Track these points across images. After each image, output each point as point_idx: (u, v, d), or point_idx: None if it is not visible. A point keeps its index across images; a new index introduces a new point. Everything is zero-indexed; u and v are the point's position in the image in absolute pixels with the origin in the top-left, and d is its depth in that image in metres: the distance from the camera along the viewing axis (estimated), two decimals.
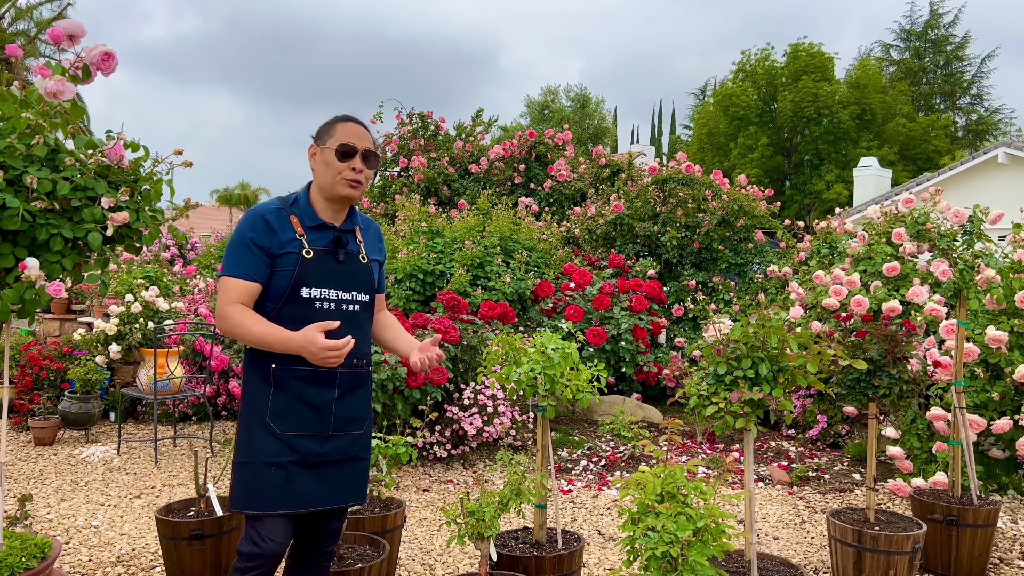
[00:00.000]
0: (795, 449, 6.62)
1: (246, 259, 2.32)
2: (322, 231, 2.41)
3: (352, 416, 2.44)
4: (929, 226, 5.73)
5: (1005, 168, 16.79)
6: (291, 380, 2.33)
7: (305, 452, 2.33)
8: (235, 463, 2.35)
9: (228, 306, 2.31)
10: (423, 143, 12.52)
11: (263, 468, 2.29)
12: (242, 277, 2.32)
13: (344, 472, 2.43)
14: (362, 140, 2.41)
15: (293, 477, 2.31)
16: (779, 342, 2.97)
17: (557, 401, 3.34)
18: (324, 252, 2.39)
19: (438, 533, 4.46)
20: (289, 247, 2.34)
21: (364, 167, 2.41)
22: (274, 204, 2.42)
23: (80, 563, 3.90)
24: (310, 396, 2.34)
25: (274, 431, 2.31)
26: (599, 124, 41.21)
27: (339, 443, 2.40)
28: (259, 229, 2.34)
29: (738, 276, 9.51)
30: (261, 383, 2.34)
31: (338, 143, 2.38)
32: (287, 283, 2.32)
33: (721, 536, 2.43)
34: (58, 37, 2.52)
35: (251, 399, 2.35)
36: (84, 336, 7.22)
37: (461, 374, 6.24)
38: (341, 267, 2.41)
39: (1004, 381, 4.99)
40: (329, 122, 2.46)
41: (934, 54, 32.33)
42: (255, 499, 2.28)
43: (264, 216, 2.36)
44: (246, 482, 2.30)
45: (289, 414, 2.32)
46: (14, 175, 2.37)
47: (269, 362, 2.33)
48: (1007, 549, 4.37)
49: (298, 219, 2.39)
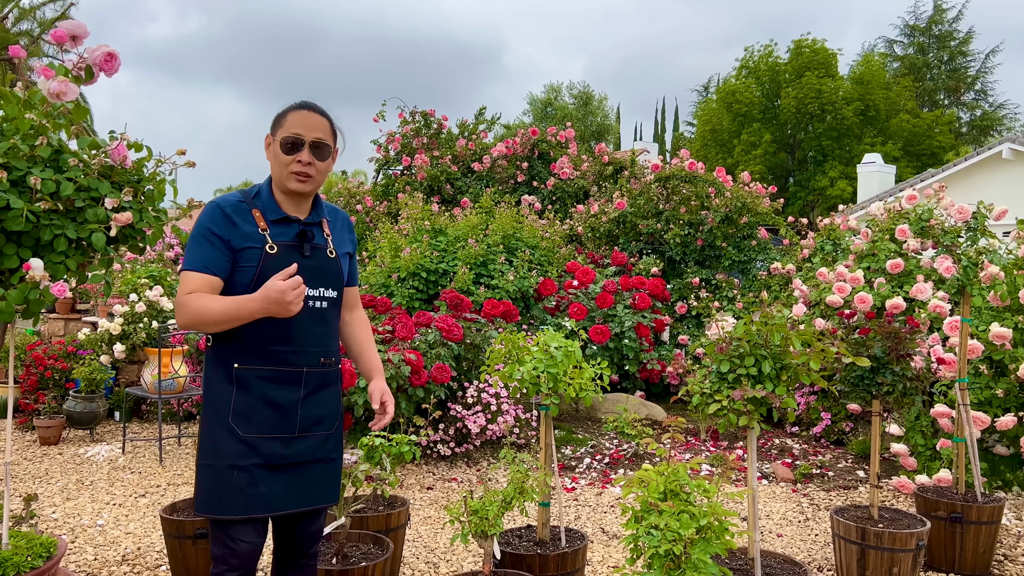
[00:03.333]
0: (799, 446, 6.61)
1: (206, 252, 2.22)
2: (286, 225, 2.30)
3: (320, 416, 2.35)
4: (933, 223, 5.72)
5: (1009, 164, 16.73)
6: (255, 380, 2.24)
7: (269, 455, 2.24)
8: (198, 464, 2.27)
9: (183, 295, 2.20)
10: (426, 141, 12.52)
11: (225, 471, 2.20)
12: (202, 271, 2.21)
13: (312, 474, 2.33)
14: (312, 130, 2.27)
15: (257, 480, 2.22)
16: (782, 340, 2.97)
17: (560, 399, 3.34)
18: (289, 247, 2.28)
19: (442, 531, 4.47)
20: (251, 241, 2.24)
21: (314, 159, 2.27)
22: (235, 197, 2.31)
23: (85, 562, 3.92)
24: (275, 396, 2.25)
25: (236, 433, 2.22)
26: (602, 122, 41.19)
27: (305, 445, 2.31)
28: (218, 221, 2.23)
29: (741, 273, 9.50)
30: (223, 383, 2.25)
31: (284, 134, 2.26)
32: (250, 280, 2.22)
33: (724, 534, 2.43)
34: (61, 38, 2.52)
35: (213, 400, 2.26)
36: (88, 336, 7.24)
37: (464, 372, 6.24)
38: (307, 262, 2.29)
39: (1008, 378, 4.98)
40: (283, 111, 2.32)
41: (938, 50, 32.23)
42: (219, 503, 2.21)
43: (224, 208, 2.26)
44: (209, 485, 2.22)
45: (252, 415, 2.23)
46: (18, 176, 2.38)
47: (231, 361, 2.24)
48: (1012, 546, 4.37)
49: (260, 213, 2.28)
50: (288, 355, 2.28)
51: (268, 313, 2.12)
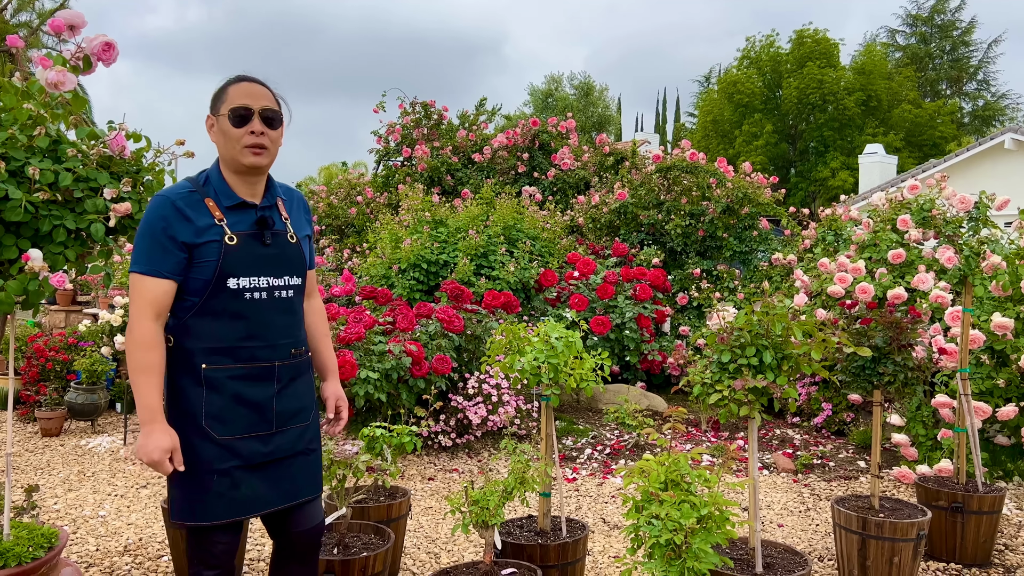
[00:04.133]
0: (800, 437, 6.62)
1: (157, 254, 2.08)
2: (242, 212, 2.18)
3: (296, 409, 2.26)
4: (935, 213, 5.70)
5: (1012, 154, 16.68)
6: (225, 380, 2.13)
7: (249, 455, 2.15)
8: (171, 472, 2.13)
9: (141, 320, 2.07)
10: (426, 132, 12.50)
11: (205, 477, 2.10)
12: (154, 275, 2.08)
13: (293, 468, 2.25)
14: (258, 99, 2.15)
15: (238, 483, 2.13)
16: (783, 330, 2.96)
17: (561, 390, 3.34)
18: (248, 236, 2.15)
19: (443, 521, 4.48)
20: (208, 235, 2.10)
21: (266, 128, 2.15)
22: (184, 187, 2.16)
23: (88, 553, 3.93)
24: (248, 395, 2.15)
25: (212, 437, 2.11)
26: (603, 112, 41.11)
27: (285, 439, 2.22)
28: (171, 218, 2.09)
29: (743, 264, 9.48)
30: (191, 386, 2.13)
31: (230, 107, 2.13)
32: (211, 275, 2.10)
33: (725, 523, 2.43)
34: (59, 27, 2.51)
35: (181, 402, 2.14)
36: (89, 327, 7.25)
37: (465, 363, 6.24)
38: (269, 250, 2.18)
39: (1010, 368, 4.98)
40: (221, 87, 2.19)
41: (940, 39, 32.12)
42: (200, 510, 2.11)
43: (175, 202, 2.11)
44: (187, 493, 2.11)
45: (227, 417, 2.13)
46: (16, 166, 2.37)
47: (198, 361, 2.12)
48: (1012, 536, 4.37)
49: (214, 201, 2.15)
50: (257, 351, 2.18)
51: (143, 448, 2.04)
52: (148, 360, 2.07)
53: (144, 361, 2.06)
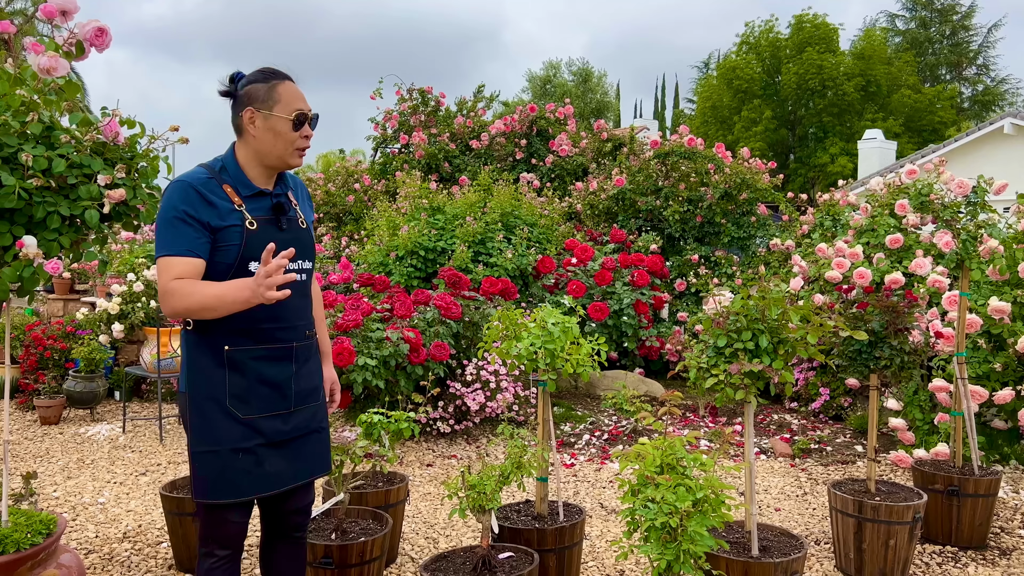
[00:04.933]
0: (797, 422, 6.64)
1: (185, 234, 2.11)
2: (259, 199, 2.25)
3: (310, 388, 2.36)
4: (933, 197, 5.69)
5: (1011, 139, 16.65)
6: (248, 361, 2.20)
7: (271, 433, 2.23)
8: (194, 453, 2.19)
9: (171, 282, 2.08)
10: (423, 119, 12.45)
11: (230, 456, 2.17)
12: (185, 254, 2.10)
13: (308, 446, 2.35)
14: (307, 104, 2.26)
15: (262, 460, 2.22)
16: (779, 314, 2.96)
17: (558, 375, 3.34)
18: (265, 222, 2.23)
19: (441, 507, 4.50)
20: (231, 219, 2.16)
21: (311, 132, 2.28)
22: (201, 173, 2.21)
23: (87, 539, 3.94)
24: (269, 375, 2.23)
25: (236, 416, 2.18)
26: (601, 99, 40.95)
27: (302, 418, 2.32)
28: (194, 201, 2.13)
29: (741, 250, 9.48)
30: (214, 367, 2.19)
31: (291, 110, 2.20)
32: (233, 259, 2.16)
33: (721, 507, 2.44)
34: (50, 13, 2.49)
35: (204, 384, 2.19)
36: (87, 316, 7.25)
37: (463, 350, 6.25)
38: (284, 235, 2.25)
39: (1007, 352, 4.98)
40: (263, 82, 2.22)
41: (940, 24, 31.97)
42: (226, 488, 2.18)
43: (195, 186, 2.16)
44: (213, 472, 2.17)
45: (250, 397, 2.20)
46: (9, 153, 2.36)
47: (221, 343, 2.18)
48: (1008, 519, 4.39)
49: (232, 188, 2.21)
50: (278, 332, 2.26)
51: (253, 303, 2.03)
52: (196, 287, 2.07)
53: (195, 289, 2.06)
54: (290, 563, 2.50)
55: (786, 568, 2.90)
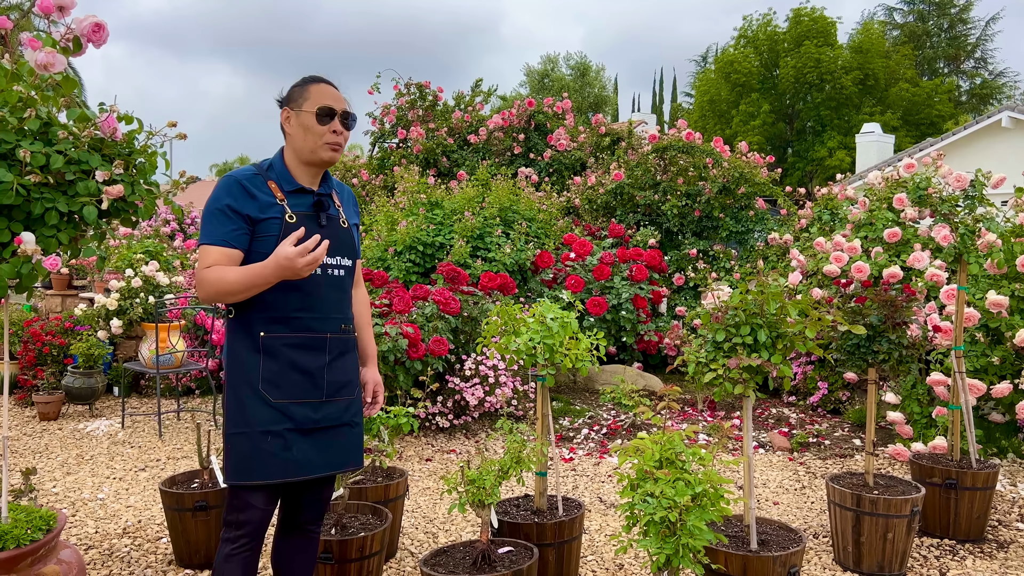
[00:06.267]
0: (796, 416, 6.65)
1: (225, 226, 2.27)
2: (301, 196, 2.38)
3: (344, 381, 2.42)
4: (931, 191, 5.70)
5: (1009, 132, 16.65)
6: (281, 347, 2.30)
7: (301, 419, 2.31)
8: (227, 435, 2.30)
9: (204, 270, 2.24)
10: (421, 114, 12.42)
11: (259, 437, 2.26)
12: (222, 244, 2.26)
13: (340, 438, 2.41)
14: (340, 102, 2.38)
15: (290, 444, 2.29)
16: (778, 308, 2.96)
17: (556, 370, 3.35)
18: (305, 217, 2.35)
19: (440, 502, 4.50)
20: (271, 212, 2.30)
21: (343, 129, 2.37)
22: (249, 170, 2.36)
23: (87, 535, 3.95)
24: (302, 363, 2.32)
25: (268, 400, 2.28)
26: (599, 93, 40.92)
27: (333, 409, 2.38)
28: (236, 194, 2.29)
29: (739, 244, 9.48)
30: (249, 352, 2.30)
31: (317, 105, 2.34)
32: (271, 249, 2.25)
33: (719, 501, 2.45)
34: (47, 8, 2.48)
35: (239, 369, 2.30)
36: (85, 311, 7.24)
37: (462, 345, 6.25)
38: (323, 231, 2.36)
39: (1004, 345, 4.99)
40: (300, 85, 2.40)
41: (938, 17, 31.95)
42: (254, 469, 2.26)
43: (241, 181, 2.31)
44: (242, 452, 2.27)
45: (282, 382, 2.29)
46: (7, 149, 2.35)
47: (256, 330, 2.29)
48: (1006, 512, 4.41)
49: (276, 184, 2.35)
50: (311, 322, 2.35)
51: (283, 278, 2.17)
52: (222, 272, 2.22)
53: (221, 274, 2.21)
54: (301, 555, 2.54)
55: (785, 562, 2.91)
